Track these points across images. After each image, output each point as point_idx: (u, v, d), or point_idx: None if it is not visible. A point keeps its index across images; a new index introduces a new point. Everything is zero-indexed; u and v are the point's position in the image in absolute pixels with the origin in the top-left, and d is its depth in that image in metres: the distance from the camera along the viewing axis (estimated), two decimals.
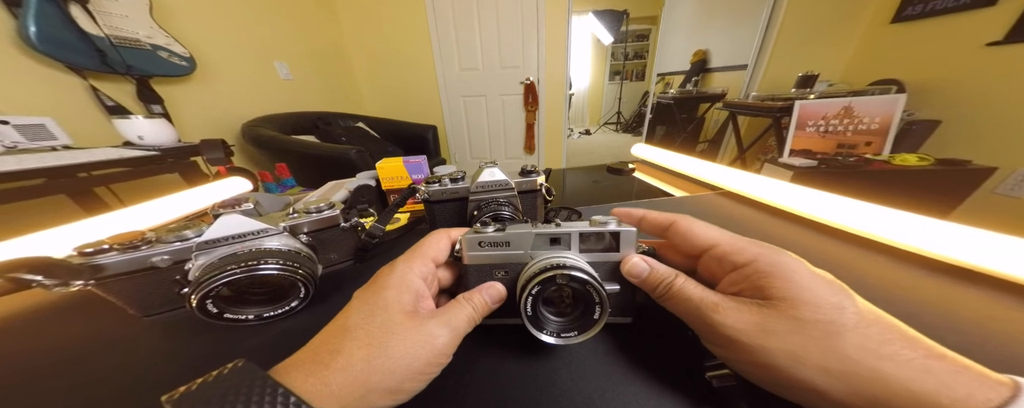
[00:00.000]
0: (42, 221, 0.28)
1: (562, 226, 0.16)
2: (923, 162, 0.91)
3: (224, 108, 1.24)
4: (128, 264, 0.17)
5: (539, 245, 0.16)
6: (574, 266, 0.14)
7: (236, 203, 0.21)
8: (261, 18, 1.36)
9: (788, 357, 0.11)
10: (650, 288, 0.15)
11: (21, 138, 0.62)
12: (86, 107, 0.86)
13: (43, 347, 0.20)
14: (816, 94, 1.17)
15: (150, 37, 0.95)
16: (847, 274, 0.21)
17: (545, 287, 0.14)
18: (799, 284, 0.12)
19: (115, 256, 0.17)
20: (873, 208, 0.29)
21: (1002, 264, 0.21)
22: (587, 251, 0.16)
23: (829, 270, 0.13)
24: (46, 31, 0.74)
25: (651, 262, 0.16)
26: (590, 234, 0.16)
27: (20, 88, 0.75)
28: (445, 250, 0.17)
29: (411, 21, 1.80)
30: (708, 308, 0.13)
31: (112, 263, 0.17)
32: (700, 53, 2.32)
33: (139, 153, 0.75)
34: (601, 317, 0.14)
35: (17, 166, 0.53)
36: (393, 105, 2.04)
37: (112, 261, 0.17)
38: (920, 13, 1.20)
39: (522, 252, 0.16)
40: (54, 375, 0.18)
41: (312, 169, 1.16)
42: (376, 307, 0.13)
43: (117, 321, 0.21)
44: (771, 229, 0.32)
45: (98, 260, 0.16)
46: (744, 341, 0.12)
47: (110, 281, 0.17)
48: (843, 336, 0.11)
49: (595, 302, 0.14)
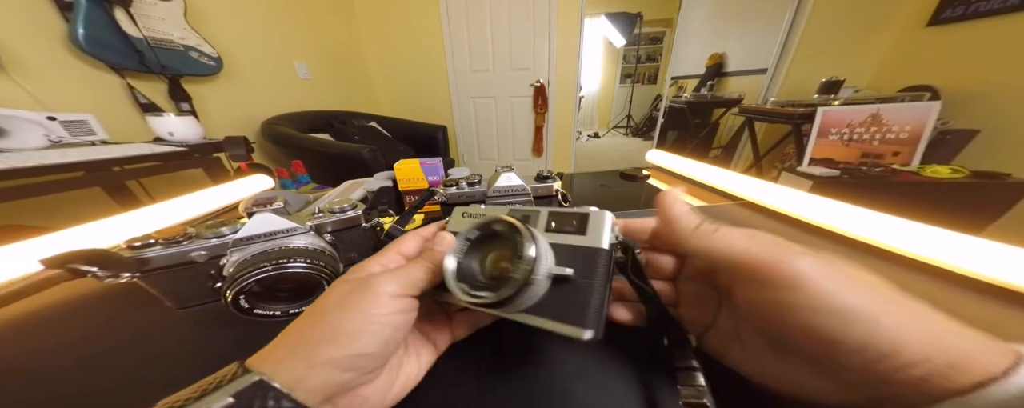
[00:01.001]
0: (78, 212, 0.30)
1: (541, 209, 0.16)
2: (956, 174, 0.86)
3: (246, 106, 1.29)
4: (170, 258, 0.18)
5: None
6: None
7: (268, 201, 0.22)
8: (283, 19, 1.41)
9: (860, 299, 0.10)
10: (684, 234, 0.13)
11: (66, 133, 0.67)
12: (122, 104, 0.92)
13: (90, 333, 0.21)
14: (841, 100, 1.13)
15: (183, 38, 1.00)
16: None
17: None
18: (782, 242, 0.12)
19: (160, 250, 0.18)
20: (907, 224, 0.27)
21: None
22: (557, 231, 0.15)
23: None
24: (93, 34, 0.79)
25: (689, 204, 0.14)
26: (559, 213, 0.15)
27: (67, 86, 0.81)
28: (414, 247, 0.17)
29: (425, 22, 1.83)
30: (777, 247, 0.12)
31: (156, 257, 0.18)
32: (716, 57, 2.27)
33: (169, 149, 0.79)
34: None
35: (62, 159, 0.57)
36: (405, 105, 2.08)
37: (157, 255, 0.18)
38: (961, 15, 1.14)
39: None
40: (103, 359, 0.19)
41: (326, 167, 1.19)
42: (342, 296, 0.13)
43: (154, 312, 0.22)
44: (792, 239, 0.31)
45: (145, 254, 0.17)
46: (823, 286, 0.10)
47: (153, 274, 0.18)
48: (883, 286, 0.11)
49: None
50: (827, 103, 1.09)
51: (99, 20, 0.80)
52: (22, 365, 0.19)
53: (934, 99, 1.01)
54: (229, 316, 0.19)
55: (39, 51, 0.75)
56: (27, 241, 0.25)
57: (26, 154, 0.57)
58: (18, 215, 0.67)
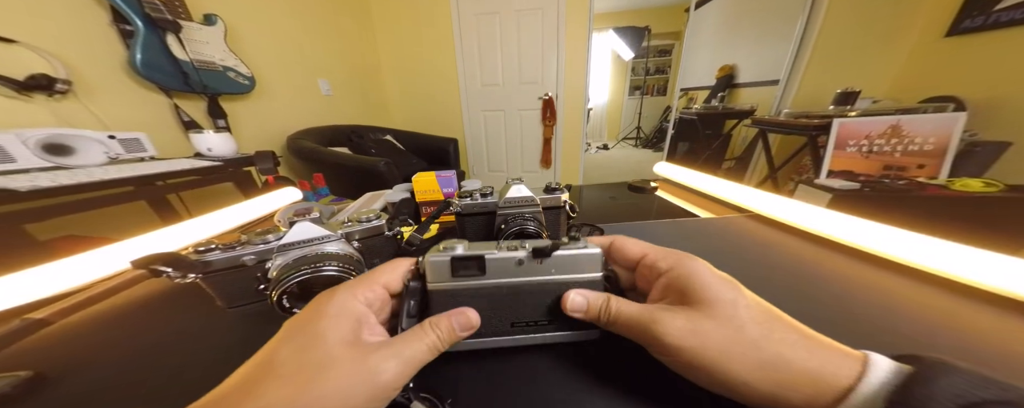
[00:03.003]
0: (123, 224, 0.34)
1: (525, 247, 0.17)
2: (990, 188, 0.82)
3: (274, 122, 1.39)
4: (226, 261, 0.21)
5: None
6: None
7: (306, 212, 0.24)
8: (310, 39, 1.52)
9: (719, 354, 0.12)
10: (593, 318, 0.16)
11: (122, 150, 0.74)
12: (168, 122, 1.01)
13: (150, 332, 0.24)
14: (858, 111, 1.10)
15: (223, 60, 1.10)
16: (920, 321, 0.20)
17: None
18: (708, 286, 0.14)
19: (219, 254, 0.20)
20: (942, 243, 0.25)
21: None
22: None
23: (899, 313, 0.14)
24: (148, 58, 0.89)
25: (585, 293, 0.16)
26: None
27: (124, 107, 0.90)
28: (398, 278, 0.16)
29: (439, 39, 1.94)
30: (648, 321, 0.14)
31: (216, 260, 0.20)
32: (726, 68, 2.27)
33: (208, 164, 0.85)
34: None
35: (119, 175, 0.63)
36: (418, 119, 2.17)
37: (216, 258, 0.20)
38: (981, 26, 1.11)
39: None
40: (162, 353, 0.21)
41: (345, 179, 1.25)
42: (309, 339, 0.11)
43: (207, 311, 0.24)
44: (805, 253, 0.31)
45: (207, 257, 0.20)
46: (685, 346, 0.13)
47: (211, 275, 0.21)
48: (746, 328, 0.12)
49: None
50: (843, 114, 1.07)
51: (154, 46, 0.90)
52: (107, 350, 0.21)
53: (959, 110, 0.98)
54: (269, 314, 0.21)
55: (103, 75, 0.85)
56: (116, 244, 0.30)
57: (89, 170, 0.64)
58: (70, 227, 0.74)
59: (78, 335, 0.23)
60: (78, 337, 0.23)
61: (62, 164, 0.64)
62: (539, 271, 0.17)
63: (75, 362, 0.20)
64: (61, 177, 0.56)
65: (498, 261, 0.16)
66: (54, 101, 0.75)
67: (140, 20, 0.86)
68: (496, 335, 0.18)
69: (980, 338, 0.19)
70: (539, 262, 0.16)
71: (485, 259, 0.16)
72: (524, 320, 0.17)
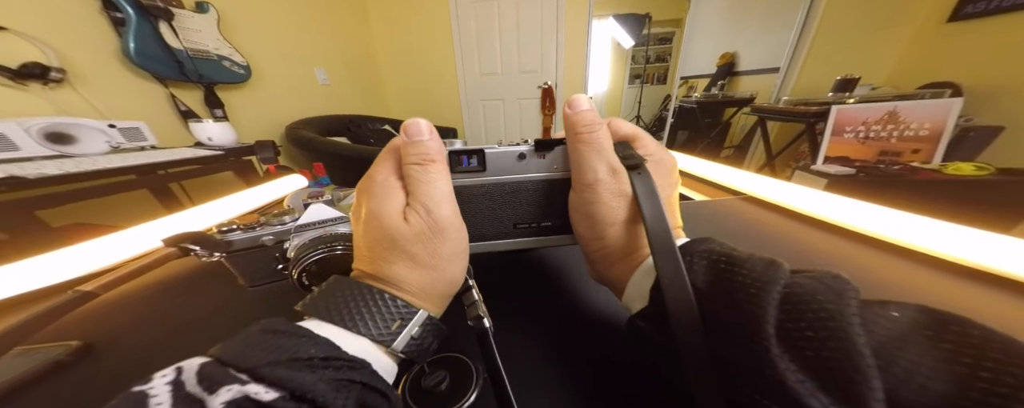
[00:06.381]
0: (127, 212, 0.35)
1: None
2: (981, 172, 0.83)
3: (271, 111, 1.37)
4: (247, 241, 0.22)
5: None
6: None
7: (319, 194, 0.26)
8: (305, 28, 1.49)
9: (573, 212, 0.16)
10: (582, 123, 0.15)
11: (123, 139, 0.74)
12: (165, 112, 1.00)
13: (180, 307, 0.25)
14: (856, 98, 1.10)
15: (217, 49, 1.08)
16: (902, 291, 0.22)
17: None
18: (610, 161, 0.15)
19: (240, 234, 0.21)
20: (931, 222, 0.26)
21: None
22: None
23: (884, 289, 0.16)
24: (142, 47, 0.87)
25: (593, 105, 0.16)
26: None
27: (120, 96, 0.89)
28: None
29: (436, 27, 1.89)
30: (611, 160, 0.15)
31: (238, 240, 0.21)
32: (727, 56, 2.24)
33: (209, 153, 0.86)
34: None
35: (122, 163, 0.63)
36: (416, 108, 2.14)
37: (238, 238, 0.21)
38: (983, 11, 1.10)
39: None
40: (194, 329, 0.23)
41: (345, 168, 1.25)
42: (426, 224, 0.13)
43: (231, 289, 0.26)
44: (800, 235, 0.32)
45: (230, 237, 0.21)
46: (599, 188, 0.15)
47: (234, 255, 0.22)
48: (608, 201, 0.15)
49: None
50: (842, 101, 1.07)
51: (147, 34, 0.88)
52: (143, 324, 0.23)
53: (956, 95, 0.98)
54: (287, 293, 0.22)
55: (96, 64, 0.84)
56: (148, 223, 0.32)
57: (93, 159, 0.64)
58: (77, 215, 0.75)
59: (116, 310, 0.25)
60: (116, 311, 0.25)
61: (65, 152, 0.64)
62: (541, 168, 0.16)
63: (116, 334, 0.22)
64: (67, 165, 0.57)
65: (499, 155, 0.16)
66: (50, 90, 0.74)
67: (131, 7, 0.84)
68: (500, 237, 0.17)
69: (971, 313, 0.21)
70: (541, 156, 0.16)
71: (485, 153, 0.16)
72: (527, 221, 0.17)
